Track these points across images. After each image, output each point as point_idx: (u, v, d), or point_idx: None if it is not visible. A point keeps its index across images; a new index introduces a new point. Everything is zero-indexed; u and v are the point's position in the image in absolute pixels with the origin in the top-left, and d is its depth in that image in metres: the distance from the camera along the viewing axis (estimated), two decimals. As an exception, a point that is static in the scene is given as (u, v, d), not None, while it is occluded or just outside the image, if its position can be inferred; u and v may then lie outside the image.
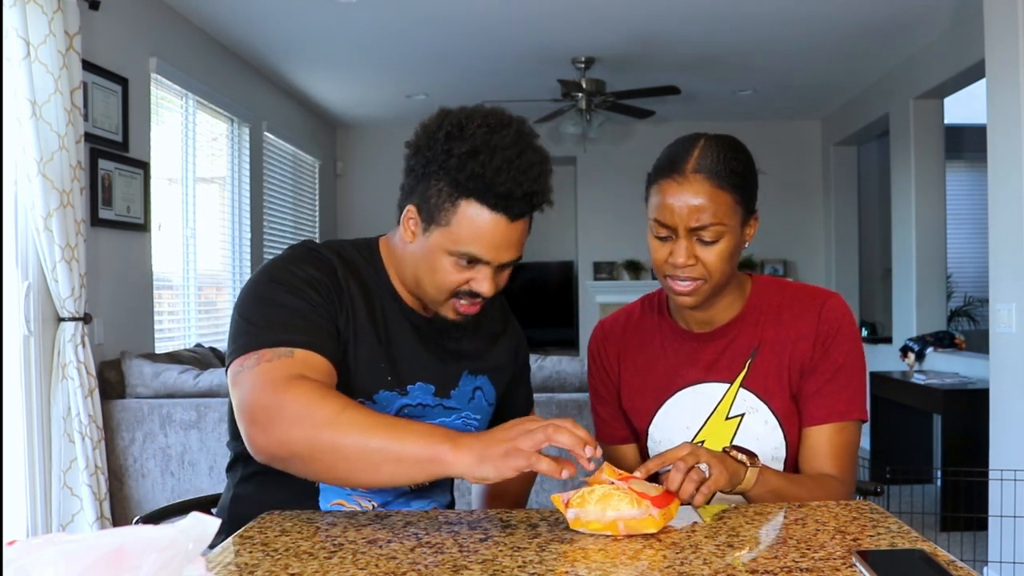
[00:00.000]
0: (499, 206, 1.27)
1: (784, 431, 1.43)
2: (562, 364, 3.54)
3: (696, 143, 1.37)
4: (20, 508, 2.98)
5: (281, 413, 1.18)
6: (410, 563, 1.00)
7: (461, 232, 1.29)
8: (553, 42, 4.92)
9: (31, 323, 3.01)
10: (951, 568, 0.92)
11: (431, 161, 1.30)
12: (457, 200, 1.28)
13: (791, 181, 7.22)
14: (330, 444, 1.16)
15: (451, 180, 1.28)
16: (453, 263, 1.31)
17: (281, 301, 1.29)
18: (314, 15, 4.43)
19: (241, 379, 1.24)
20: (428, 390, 1.39)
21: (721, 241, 1.34)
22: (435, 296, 1.35)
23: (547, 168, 1.32)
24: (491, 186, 1.26)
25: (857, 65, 5.43)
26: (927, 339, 5.03)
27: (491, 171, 1.25)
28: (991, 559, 3.32)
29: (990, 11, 3.36)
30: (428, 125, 1.33)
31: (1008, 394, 3.28)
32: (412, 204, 1.34)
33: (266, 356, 1.24)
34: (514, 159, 1.26)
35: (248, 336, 1.27)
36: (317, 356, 1.26)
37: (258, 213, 5.41)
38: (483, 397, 1.48)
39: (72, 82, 3.01)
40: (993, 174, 3.36)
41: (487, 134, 1.27)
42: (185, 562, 0.73)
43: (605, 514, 1.08)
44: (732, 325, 1.46)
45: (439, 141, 1.29)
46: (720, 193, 1.32)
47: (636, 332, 1.55)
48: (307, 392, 1.19)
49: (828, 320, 1.43)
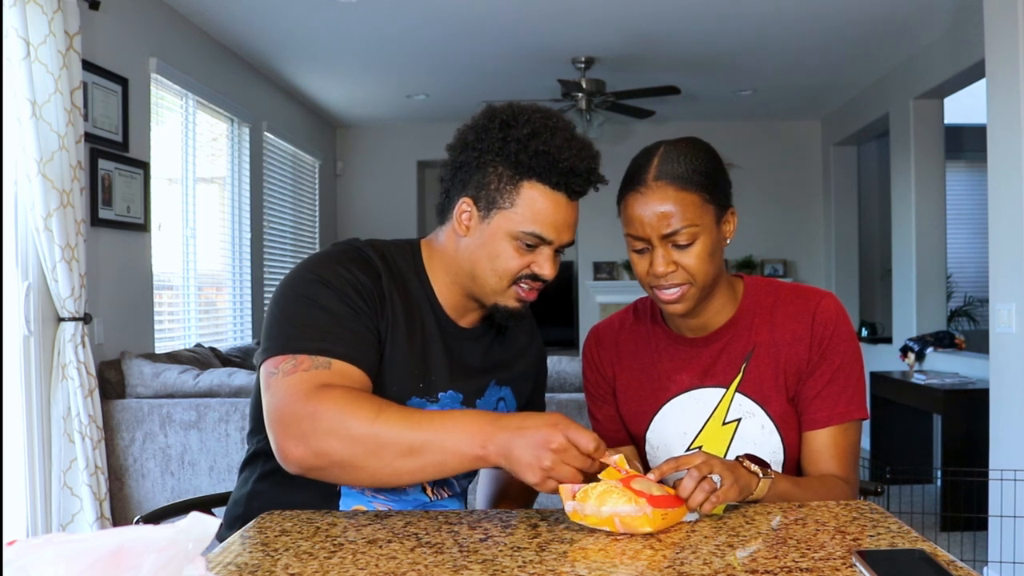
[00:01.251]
0: (561, 184, 1.31)
1: (781, 435, 1.42)
2: (562, 364, 3.55)
3: (655, 152, 1.37)
4: (20, 508, 2.98)
5: (316, 424, 1.17)
6: (410, 563, 1.00)
7: (525, 212, 1.31)
8: (553, 42, 4.92)
9: (31, 323, 3.01)
10: (951, 568, 0.92)
11: (486, 151, 1.32)
12: (520, 182, 1.31)
13: (791, 181, 7.23)
14: (374, 447, 1.16)
15: (512, 163, 1.31)
16: (516, 247, 1.33)
17: (325, 304, 1.28)
18: (314, 15, 4.43)
19: (275, 384, 1.23)
20: (456, 399, 1.39)
21: (697, 242, 1.34)
22: (496, 285, 1.35)
23: (598, 152, 1.37)
24: (555, 163, 1.29)
25: (857, 65, 5.43)
26: (927, 339, 5.03)
27: (555, 148, 1.29)
28: (991, 559, 3.32)
29: (990, 11, 3.36)
30: (476, 121, 1.36)
31: (1008, 394, 3.28)
32: (467, 196, 1.35)
33: (303, 364, 1.23)
34: (572, 139, 1.32)
35: (286, 338, 1.26)
36: (354, 368, 1.25)
37: (258, 213, 5.41)
38: (505, 407, 1.49)
39: (72, 82, 3.01)
40: (993, 174, 3.36)
41: (543, 119, 1.32)
42: (185, 562, 0.73)
43: (601, 510, 1.09)
44: (726, 329, 1.45)
45: (493, 131, 1.32)
46: (685, 195, 1.32)
47: (630, 338, 1.54)
48: (340, 399, 1.18)
49: (823, 321, 1.42)
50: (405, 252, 1.42)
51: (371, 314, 1.30)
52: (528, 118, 1.32)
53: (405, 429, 1.16)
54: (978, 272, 6.94)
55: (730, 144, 7.15)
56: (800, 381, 1.42)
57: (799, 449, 1.44)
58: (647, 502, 1.08)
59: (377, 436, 1.16)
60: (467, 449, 1.15)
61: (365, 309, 1.30)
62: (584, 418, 3.25)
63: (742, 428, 1.42)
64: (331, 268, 1.31)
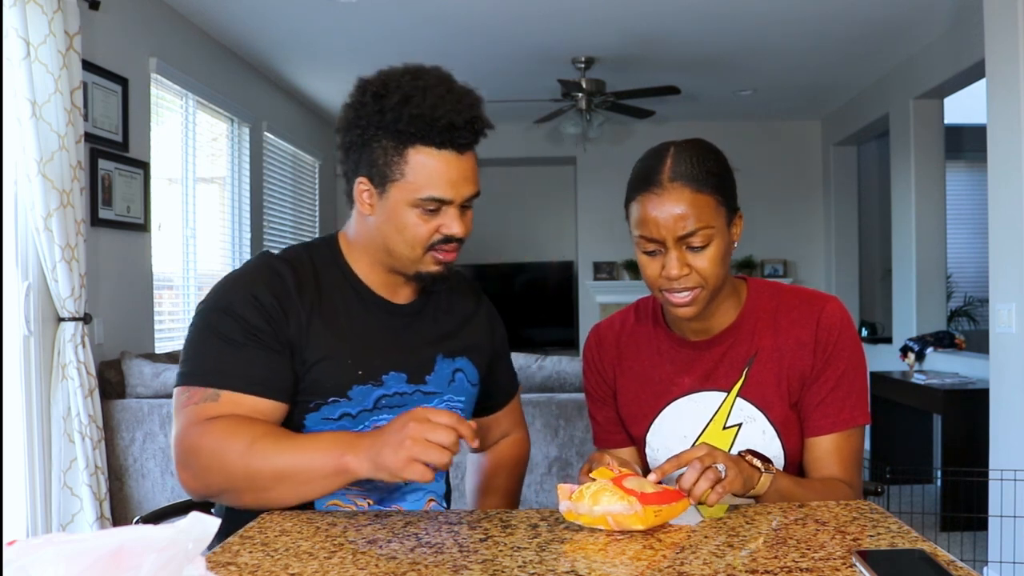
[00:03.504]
0: (446, 141, 1.30)
1: (782, 440, 1.41)
2: (562, 364, 3.54)
3: (667, 152, 1.36)
4: (20, 508, 2.98)
5: (199, 460, 1.25)
6: (410, 563, 1.00)
7: (417, 179, 1.31)
8: (553, 42, 4.92)
9: (31, 323, 3.01)
10: (951, 568, 0.92)
11: (367, 127, 1.32)
12: (404, 150, 1.31)
13: (791, 181, 7.23)
14: (246, 478, 1.22)
15: (392, 133, 1.30)
16: (418, 214, 1.33)
17: (223, 332, 1.31)
18: (314, 15, 4.43)
19: (175, 415, 1.31)
20: (401, 378, 1.40)
21: (711, 245, 1.33)
22: (411, 255, 1.36)
23: (479, 98, 1.36)
24: (433, 123, 1.28)
25: (857, 65, 5.43)
26: (927, 339, 5.03)
27: (429, 108, 1.28)
28: (991, 559, 3.32)
29: (990, 11, 3.36)
30: (352, 98, 1.36)
31: (1008, 394, 3.28)
32: (361, 176, 1.35)
33: (194, 397, 1.29)
34: (445, 94, 1.31)
35: (185, 369, 1.33)
36: (246, 396, 1.29)
37: (258, 213, 5.41)
38: (465, 378, 1.49)
39: (72, 82, 3.01)
40: (993, 174, 3.36)
41: (412, 80, 1.31)
42: (185, 562, 0.73)
43: (594, 509, 1.10)
44: (728, 332, 1.44)
45: (368, 105, 1.32)
46: (701, 196, 1.31)
47: (631, 339, 1.53)
48: (219, 432, 1.24)
49: (827, 327, 1.40)
50: (322, 248, 1.44)
51: (275, 332, 1.32)
52: (398, 84, 1.31)
53: (273, 456, 1.22)
54: (978, 272, 6.94)
55: (730, 144, 7.10)
56: (804, 387, 1.41)
57: (800, 454, 1.43)
58: (638, 500, 1.09)
59: (248, 467, 1.21)
60: (329, 467, 1.21)
61: (267, 329, 1.32)
62: (584, 418, 3.25)
63: (743, 433, 1.41)
64: (234, 293, 1.34)
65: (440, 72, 1.35)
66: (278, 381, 1.32)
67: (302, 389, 1.34)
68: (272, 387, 1.31)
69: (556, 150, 7.22)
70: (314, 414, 1.35)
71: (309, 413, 1.35)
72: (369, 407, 1.37)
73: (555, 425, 3.30)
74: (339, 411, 1.35)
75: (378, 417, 1.37)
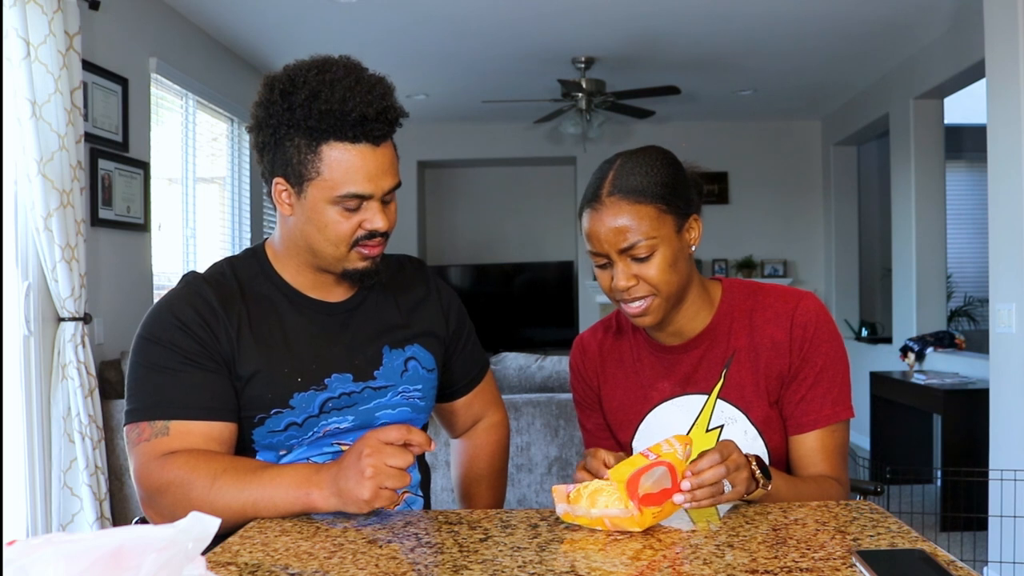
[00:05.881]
0: (359, 135, 1.27)
1: (764, 439, 1.41)
2: (562, 364, 3.54)
3: (611, 166, 1.36)
4: (20, 508, 2.98)
5: (164, 499, 1.24)
6: (410, 563, 1.00)
7: (334, 176, 1.27)
8: (553, 42, 4.92)
9: (31, 323, 3.01)
10: (951, 568, 0.92)
11: (278, 125, 1.28)
12: (318, 147, 1.27)
13: (791, 181, 7.23)
14: (213, 514, 1.21)
15: (303, 131, 1.27)
16: (339, 212, 1.30)
17: (156, 362, 1.30)
18: (314, 15, 4.43)
19: (129, 453, 1.30)
20: (346, 378, 1.38)
21: (656, 254, 1.33)
22: (335, 253, 1.33)
23: (390, 86, 1.31)
24: (344, 117, 1.25)
25: (857, 65, 5.43)
26: (927, 339, 5.03)
27: (338, 102, 1.25)
28: (991, 559, 3.32)
29: (990, 11, 3.36)
30: (261, 96, 1.32)
31: (1008, 394, 3.28)
32: (278, 177, 1.32)
33: (145, 433, 1.28)
34: (354, 85, 1.26)
35: (129, 403, 1.31)
36: (194, 423, 1.28)
37: (258, 213, 5.41)
38: (419, 366, 1.45)
39: (72, 82, 3.01)
40: (993, 174, 3.36)
41: (319, 75, 1.27)
42: (185, 562, 0.73)
43: (591, 511, 1.10)
44: (704, 335, 1.44)
45: (277, 103, 1.28)
46: (640, 208, 1.31)
47: (613, 347, 1.54)
48: (179, 470, 1.23)
49: (802, 324, 1.40)
50: (246, 260, 1.42)
51: (208, 352, 1.31)
52: (305, 79, 1.27)
53: (238, 492, 1.21)
54: (978, 272, 6.94)
55: (730, 144, 7.19)
56: (783, 386, 1.41)
57: (785, 452, 1.43)
58: (635, 505, 1.09)
59: (214, 504, 1.20)
60: (295, 504, 1.20)
61: (199, 350, 1.30)
62: (584, 418, 3.25)
63: (725, 434, 1.41)
64: (159, 321, 1.32)
65: (348, 62, 1.30)
66: (221, 401, 1.30)
67: (243, 405, 1.32)
68: (217, 409, 1.30)
69: (556, 150, 7.22)
70: (260, 428, 1.33)
71: (255, 428, 1.33)
72: (315, 412, 1.34)
73: (555, 425, 3.30)
74: (284, 422, 1.33)
75: (326, 421, 1.35)
